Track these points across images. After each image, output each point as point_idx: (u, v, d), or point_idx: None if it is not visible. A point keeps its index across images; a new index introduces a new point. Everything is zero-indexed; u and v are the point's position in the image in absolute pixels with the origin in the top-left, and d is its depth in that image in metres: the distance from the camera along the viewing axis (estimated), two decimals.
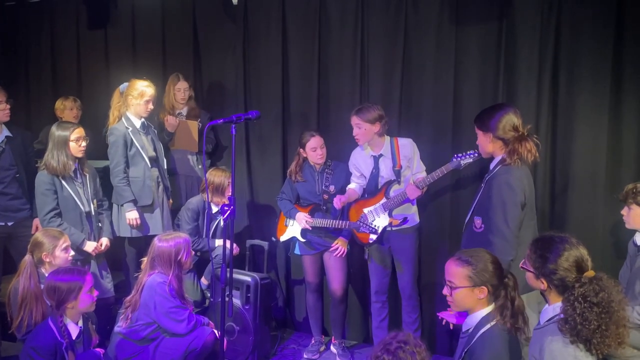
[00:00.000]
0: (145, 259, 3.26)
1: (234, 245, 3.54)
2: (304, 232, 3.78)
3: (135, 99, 3.80)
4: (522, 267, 2.17)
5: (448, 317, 2.57)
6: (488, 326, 2.16)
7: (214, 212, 3.92)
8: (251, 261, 4.28)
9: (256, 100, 4.37)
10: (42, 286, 3.01)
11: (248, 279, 3.71)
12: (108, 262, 3.78)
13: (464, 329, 2.29)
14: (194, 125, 4.21)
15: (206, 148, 4.23)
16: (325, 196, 3.72)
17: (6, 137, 3.63)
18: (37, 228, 3.63)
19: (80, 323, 2.85)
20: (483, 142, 2.79)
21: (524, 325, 2.13)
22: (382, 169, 3.53)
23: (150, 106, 3.85)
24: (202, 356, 3.14)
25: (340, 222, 3.65)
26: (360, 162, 3.63)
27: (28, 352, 2.64)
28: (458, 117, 3.72)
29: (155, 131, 4.06)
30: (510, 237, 2.57)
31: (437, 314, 2.66)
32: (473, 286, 2.17)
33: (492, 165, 2.80)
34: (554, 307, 2.05)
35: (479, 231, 2.69)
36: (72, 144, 3.50)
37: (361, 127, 3.45)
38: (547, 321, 2.06)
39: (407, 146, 3.52)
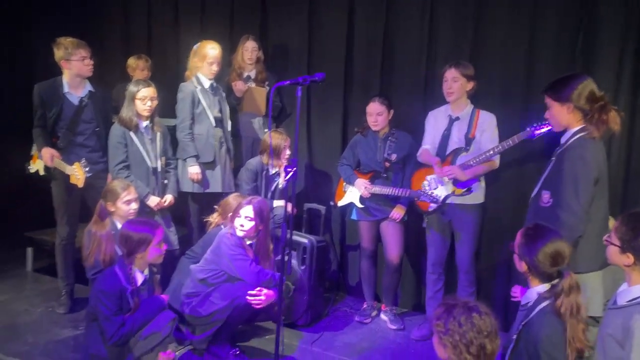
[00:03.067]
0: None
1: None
2: (362, 198, 3.79)
3: (200, 61, 3.90)
4: (606, 240, 2.10)
5: (520, 291, 2.53)
6: (546, 303, 2.14)
7: (271, 174, 3.99)
8: (307, 224, 4.34)
9: (319, 64, 4.35)
10: (112, 232, 3.19)
11: (305, 240, 3.79)
12: (172, 217, 3.92)
13: (523, 302, 2.28)
14: (262, 92, 4.27)
15: (272, 113, 4.28)
16: (387, 164, 3.70)
17: (89, 91, 3.79)
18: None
19: (146, 272, 3.00)
20: (558, 114, 2.64)
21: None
22: (454, 133, 3.45)
23: (214, 68, 3.92)
24: (247, 312, 3.25)
25: (401, 190, 3.63)
26: (438, 120, 3.54)
27: (96, 295, 2.81)
28: (530, 87, 3.57)
29: (224, 94, 4.14)
30: (580, 212, 2.47)
31: (513, 288, 2.62)
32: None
33: (563, 139, 2.67)
34: (638, 287, 1.99)
35: (547, 206, 2.59)
36: (137, 102, 3.62)
37: (457, 81, 3.38)
38: (629, 301, 2.00)
39: (487, 120, 3.42)
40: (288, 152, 3.91)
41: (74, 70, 3.68)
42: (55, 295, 4.00)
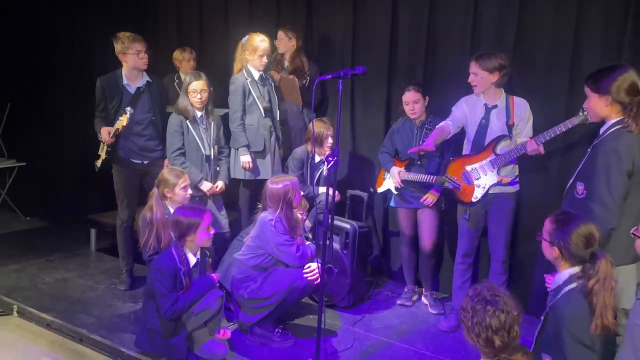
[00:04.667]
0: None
1: (336, 192, 3.73)
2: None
3: (250, 54, 4.04)
4: (633, 233, 2.13)
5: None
6: (574, 285, 2.18)
7: (316, 161, 4.13)
8: (350, 210, 4.45)
9: (363, 54, 4.42)
10: (166, 217, 3.42)
11: (347, 225, 3.90)
12: (224, 202, 4.13)
13: (552, 287, 2.33)
14: (289, 81, 4.39)
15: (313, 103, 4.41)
16: (422, 152, 3.75)
17: (146, 81, 4.04)
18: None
19: (198, 255, 3.21)
20: (596, 105, 2.64)
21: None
22: (494, 120, 3.38)
23: (264, 60, 4.05)
24: (305, 293, 3.44)
25: (429, 176, 3.68)
26: (471, 107, 3.46)
27: (154, 273, 3.05)
28: (576, 75, 3.51)
29: (273, 84, 4.28)
30: (612, 205, 2.47)
31: (545, 275, 2.66)
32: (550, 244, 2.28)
33: (601, 130, 2.66)
34: None
35: (580, 197, 2.60)
36: (190, 94, 3.84)
37: (477, 75, 3.30)
38: None
39: (522, 106, 3.36)
40: (331, 140, 4.02)
41: (130, 63, 3.92)
42: (117, 273, 4.33)
